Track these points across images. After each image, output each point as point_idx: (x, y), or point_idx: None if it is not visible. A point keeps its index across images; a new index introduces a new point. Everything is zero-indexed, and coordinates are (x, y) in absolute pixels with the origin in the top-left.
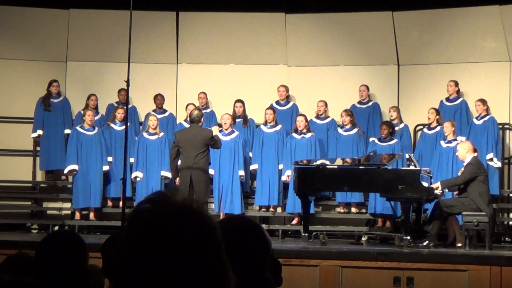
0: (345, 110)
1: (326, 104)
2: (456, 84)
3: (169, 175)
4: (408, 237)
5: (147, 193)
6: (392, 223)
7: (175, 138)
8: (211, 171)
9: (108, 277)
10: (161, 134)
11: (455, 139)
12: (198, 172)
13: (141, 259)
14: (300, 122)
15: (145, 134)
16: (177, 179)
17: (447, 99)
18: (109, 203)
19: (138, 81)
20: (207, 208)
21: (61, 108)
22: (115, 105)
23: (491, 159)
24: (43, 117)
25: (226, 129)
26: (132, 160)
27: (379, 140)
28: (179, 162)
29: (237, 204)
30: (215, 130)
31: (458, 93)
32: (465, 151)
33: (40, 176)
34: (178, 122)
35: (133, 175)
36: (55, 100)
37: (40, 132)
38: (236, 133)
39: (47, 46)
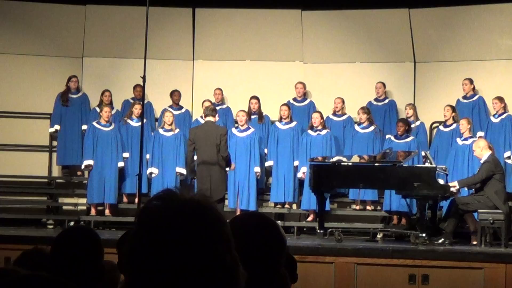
0: (362, 108)
1: (343, 101)
2: (471, 82)
3: (184, 171)
4: (424, 235)
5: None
6: (407, 221)
7: (190, 135)
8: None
9: (124, 273)
10: (177, 130)
11: (471, 136)
12: (213, 169)
13: (151, 255)
14: (315, 119)
15: (160, 131)
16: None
17: (464, 97)
18: (125, 199)
19: (154, 77)
20: (223, 205)
21: (79, 104)
22: (131, 101)
23: (509, 157)
24: (60, 112)
25: (242, 125)
26: (148, 156)
27: (395, 137)
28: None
29: (253, 200)
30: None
31: (474, 90)
32: (480, 149)
33: (56, 171)
34: (194, 118)
35: (148, 171)
36: (74, 96)
37: (57, 127)
38: (252, 129)
39: (63, 42)
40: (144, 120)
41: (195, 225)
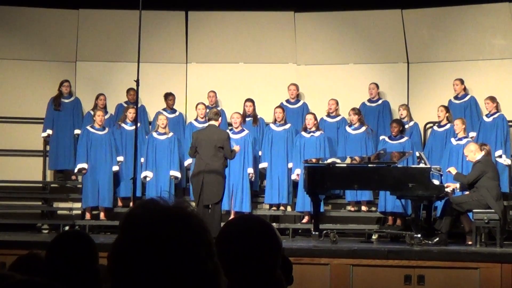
0: (353, 109)
1: (337, 103)
2: (462, 82)
3: (178, 174)
4: (419, 235)
5: (156, 193)
6: (402, 221)
7: (192, 138)
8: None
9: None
10: (171, 134)
11: (466, 137)
12: (210, 175)
13: (133, 262)
14: (309, 121)
15: (154, 134)
16: None
17: (455, 97)
18: (120, 203)
19: (148, 81)
20: (220, 206)
21: (71, 108)
22: (124, 105)
23: (500, 156)
24: (53, 117)
25: (236, 128)
26: (142, 160)
27: (390, 138)
28: (193, 164)
29: (247, 202)
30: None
31: (465, 90)
32: (473, 153)
33: (50, 176)
34: (188, 122)
35: (142, 175)
36: (66, 100)
37: (49, 131)
38: (246, 131)
39: (56, 46)
40: (138, 124)
41: (177, 232)
